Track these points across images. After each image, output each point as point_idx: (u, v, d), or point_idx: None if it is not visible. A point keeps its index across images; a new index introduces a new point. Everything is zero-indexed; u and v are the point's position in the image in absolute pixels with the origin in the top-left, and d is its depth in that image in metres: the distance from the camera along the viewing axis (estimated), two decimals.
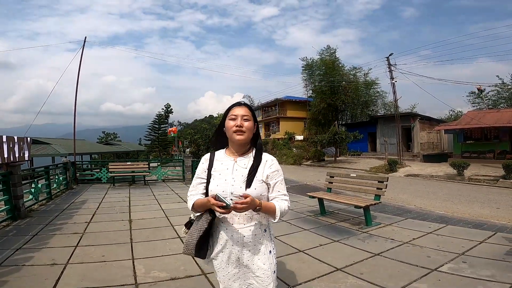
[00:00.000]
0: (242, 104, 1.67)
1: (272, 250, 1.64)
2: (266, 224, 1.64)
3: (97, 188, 9.89)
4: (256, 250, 1.58)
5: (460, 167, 13.75)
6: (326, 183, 6.38)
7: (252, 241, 1.57)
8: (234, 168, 1.61)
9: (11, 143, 5.64)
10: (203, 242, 1.59)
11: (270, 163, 1.63)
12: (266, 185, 1.60)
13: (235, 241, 1.57)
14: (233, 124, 1.59)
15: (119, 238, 4.41)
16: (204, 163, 1.71)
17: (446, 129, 21.65)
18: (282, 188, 1.63)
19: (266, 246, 1.61)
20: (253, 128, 1.64)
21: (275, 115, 39.56)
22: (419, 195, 9.41)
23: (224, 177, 1.60)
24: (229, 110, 1.66)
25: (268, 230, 1.65)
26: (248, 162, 1.62)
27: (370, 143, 28.57)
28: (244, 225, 1.57)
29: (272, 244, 1.66)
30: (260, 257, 1.58)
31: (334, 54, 32.93)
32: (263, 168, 1.61)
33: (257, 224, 1.59)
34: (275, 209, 1.54)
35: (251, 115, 1.64)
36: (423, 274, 3.09)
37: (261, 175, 1.59)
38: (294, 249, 3.93)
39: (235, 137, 1.59)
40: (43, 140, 21.69)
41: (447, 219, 5.84)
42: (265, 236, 1.62)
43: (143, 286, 2.88)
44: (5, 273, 3.09)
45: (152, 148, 41.64)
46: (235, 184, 1.56)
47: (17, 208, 5.56)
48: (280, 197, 1.60)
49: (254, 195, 1.50)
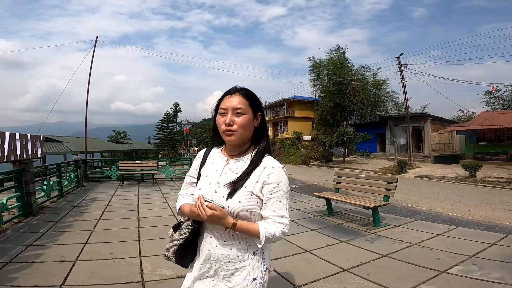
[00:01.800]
0: (235, 91, 1.30)
1: (260, 278, 1.28)
2: (254, 246, 1.27)
3: (107, 186, 10.05)
4: (236, 272, 1.27)
5: (472, 168, 13.46)
6: (334, 184, 6.33)
7: (233, 261, 1.27)
8: (224, 171, 1.32)
9: (24, 140, 5.77)
10: (185, 251, 1.35)
11: (268, 172, 1.26)
12: (259, 199, 1.26)
13: (212, 256, 1.29)
14: (223, 120, 1.27)
15: (128, 235, 4.47)
16: (197, 160, 1.47)
17: (458, 130, 21.22)
18: (279, 207, 1.24)
19: (251, 271, 1.26)
20: (250, 123, 1.29)
21: (283, 115, 39.46)
22: (429, 197, 9.25)
23: (209, 180, 1.33)
24: (219, 102, 1.32)
25: (258, 254, 1.29)
26: (242, 166, 1.30)
27: (379, 143, 28.24)
28: (224, 242, 1.27)
29: (263, 271, 1.30)
30: (238, 281, 1.26)
31: (343, 54, 32.71)
32: (258, 177, 1.26)
33: (241, 244, 1.27)
34: (258, 232, 1.20)
35: (248, 105, 1.28)
36: (432, 276, 3.04)
37: (252, 186, 1.24)
38: (300, 249, 3.91)
39: (225, 137, 1.30)
40: (55, 138, 22.13)
41: (458, 221, 5.72)
42: (253, 259, 1.28)
43: (149, 283, 2.91)
44: (15, 270, 3.15)
45: (160, 146, 42.12)
46: (218, 192, 1.27)
47: (29, 205, 5.68)
48: (274, 219, 1.23)
49: (236, 210, 1.22)
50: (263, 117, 1.37)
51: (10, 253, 3.62)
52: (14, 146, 5.39)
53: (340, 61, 31.94)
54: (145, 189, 9.29)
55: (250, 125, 1.29)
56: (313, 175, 15.93)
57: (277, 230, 1.23)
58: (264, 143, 1.36)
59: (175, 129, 42.62)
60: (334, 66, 31.88)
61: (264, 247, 1.32)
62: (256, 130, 1.35)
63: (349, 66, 32.76)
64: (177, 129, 41.62)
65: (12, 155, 5.33)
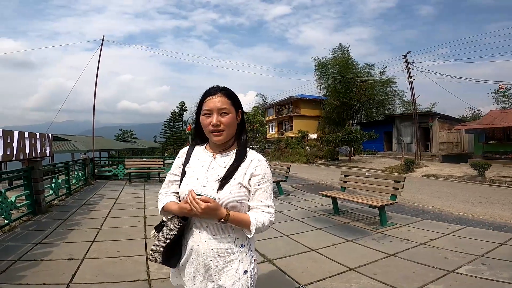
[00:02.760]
0: (217, 91, 1.33)
1: (250, 271, 1.33)
2: (243, 238, 1.33)
3: (114, 184, 10.14)
4: (226, 267, 1.30)
5: (481, 167, 13.27)
6: (340, 182, 6.30)
7: (223, 256, 1.29)
8: (211, 166, 1.35)
9: (32, 139, 5.85)
10: (172, 250, 1.35)
11: (255, 164, 1.33)
12: (247, 190, 1.31)
13: (201, 252, 1.30)
14: (209, 121, 1.30)
15: (134, 233, 4.50)
16: (180, 158, 1.47)
17: (467, 128, 20.95)
18: (265, 197, 1.31)
19: (240, 264, 1.31)
20: (235, 121, 1.34)
21: (289, 113, 39.37)
22: (437, 196, 9.15)
23: (196, 175, 1.35)
24: (202, 102, 1.35)
25: (246, 246, 1.35)
26: (229, 160, 1.35)
27: (386, 142, 28.00)
28: (213, 236, 1.30)
29: (252, 263, 1.35)
30: (230, 275, 1.29)
31: (347, 52, 32.48)
32: (246, 170, 1.32)
33: (230, 237, 1.31)
34: (249, 222, 1.25)
35: (231, 105, 1.32)
36: (440, 275, 3.00)
37: (241, 178, 1.30)
38: (306, 248, 3.90)
39: (212, 138, 1.33)
40: (63, 137, 22.43)
41: (467, 221, 5.65)
42: (242, 252, 1.32)
43: (155, 281, 2.93)
44: (24, 268, 3.18)
45: (166, 145, 42.36)
46: (207, 186, 1.30)
47: (38, 203, 5.75)
48: (262, 209, 1.30)
49: (227, 201, 1.26)
50: (243, 114, 1.42)
51: (19, 251, 3.66)
52: (23, 144, 5.46)
53: (345, 59, 31.74)
54: (151, 188, 9.35)
55: (234, 123, 1.35)
56: (319, 174, 15.86)
57: (266, 219, 1.29)
58: (244, 137, 1.42)
59: (181, 127, 42.84)
60: (339, 64, 31.68)
61: (250, 240, 1.37)
62: (238, 126, 1.40)
63: (354, 64, 32.53)
64: (183, 127, 41.88)
65: (21, 154, 5.40)
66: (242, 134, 1.42)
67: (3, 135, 4.88)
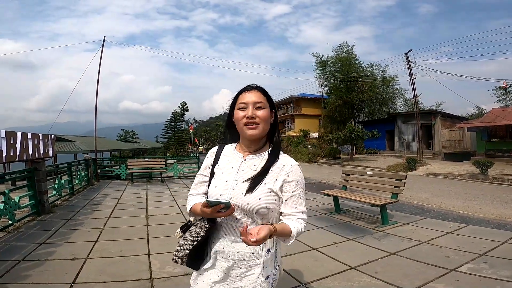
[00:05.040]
0: (254, 87, 1.33)
1: (272, 276, 1.29)
2: (269, 243, 1.28)
3: (116, 184, 10.21)
4: (249, 270, 1.26)
5: (484, 166, 13.20)
6: (341, 181, 6.30)
7: (247, 259, 1.25)
8: (241, 168, 1.30)
9: (35, 140, 5.89)
10: (197, 252, 1.32)
11: (288, 169, 1.27)
12: (277, 196, 1.26)
13: (226, 254, 1.27)
14: (243, 115, 1.27)
15: (136, 233, 4.53)
16: (209, 158, 1.43)
17: (469, 126, 20.82)
18: (300, 203, 1.27)
19: (264, 269, 1.26)
20: (269, 117, 1.30)
21: (290, 112, 39.36)
22: (439, 194, 9.12)
23: (226, 177, 1.30)
24: (237, 97, 1.33)
25: (273, 251, 1.30)
26: (260, 162, 1.30)
27: (387, 141, 27.90)
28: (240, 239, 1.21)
29: (276, 269, 1.31)
30: (251, 279, 1.24)
31: (351, 51, 32.37)
32: (277, 175, 1.26)
33: None
34: (290, 232, 1.19)
35: (267, 101, 1.30)
36: (441, 274, 3.01)
37: (272, 183, 1.25)
38: (307, 247, 3.91)
39: (246, 131, 1.27)
40: (66, 138, 22.52)
41: (469, 219, 5.64)
42: (267, 257, 1.27)
43: (158, 281, 2.95)
44: (28, 268, 3.22)
45: (168, 145, 42.45)
46: (236, 188, 1.25)
47: (41, 203, 5.81)
48: (297, 215, 1.25)
49: (256, 206, 1.21)
50: (276, 114, 1.39)
51: (23, 251, 3.70)
52: (26, 145, 5.51)
53: (348, 58, 31.63)
54: (153, 188, 9.39)
55: (269, 120, 1.31)
56: (320, 172, 15.86)
57: (302, 226, 1.25)
58: (278, 138, 1.38)
59: (183, 127, 42.94)
60: (342, 63, 31.59)
61: (277, 245, 1.34)
62: (272, 127, 1.36)
63: (357, 63, 32.43)
64: (185, 127, 41.98)
65: (24, 155, 5.44)
66: (275, 135, 1.38)
67: (6, 136, 4.92)
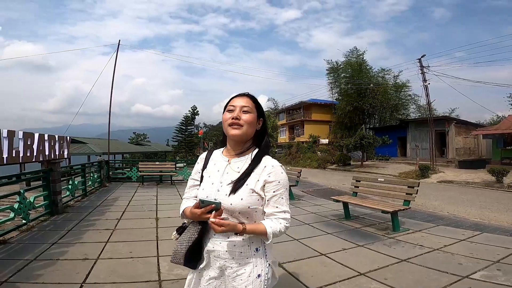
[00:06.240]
0: (245, 94, 1.43)
1: (264, 275, 1.33)
2: (257, 242, 1.35)
3: (127, 187, 10.34)
4: (240, 270, 1.31)
5: (499, 173, 12.89)
6: (352, 187, 6.23)
7: (237, 258, 1.32)
8: (225, 171, 1.38)
9: (52, 141, 6.05)
10: (193, 252, 1.39)
11: (269, 170, 1.32)
12: (259, 196, 1.32)
13: (217, 253, 1.34)
14: (230, 116, 1.36)
15: (146, 235, 4.58)
16: (199, 163, 1.52)
17: (485, 133, 20.34)
18: (282, 203, 1.32)
19: (254, 268, 1.32)
20: (254, 122, 1.38)
21: (300, 118, 39.23)
22: (453, 202, 8.91)
23: (212, 180, 1.39)
24: (228, 102, 1.42)
25: (261, 250, 1.36)
26: (243, 165, 1.37)
27: (399, 147, 27.47)
28: (228, 238, 1.32)
29: (266, 267, 1.36)
30: (243, 278, 1.30)
31: (361, 56, 32.18)
32: (259, 176, 1.32)
33: (244, 241, 1.32)
34: (265, 231, 1.26)
35: (254, 107, 1.39)
36: (453, 281, 2.95)
37: (254, 184, 1.31)
38: (316, 252, 3.88)
39: (229, 131, 1.36)
40: (79, 139, 23.00)
41: (483, 227, 5.49)
42: (256, 256, 1.34)
43: (166, 283, 2.97)
44: (40, 267, 3.27)
45: (179, 149, 42.82)
46: (221, 190, 1.33)
47: (55, 203, 5.93)
48: (278, 215, 1.31)
49: (239, 206, 1.28)
50: (265, 122, 1.47)
51: (36, 250, 3.78)
52: (42, 146, 5.66)
53: (358, 63, 31.44)
54: (163, 190, 9.49)
55: (254, 124, 1.39)
56: (330, 179, 15.71)
57: (281, 226, 1.31)
58: (265, 145, 1.45)
59: (193, 131, 43.29)
60: (352, 68, 31.42)
61: (266, 244, 1.38)
62: (258, 133, 1.44)
63: (368, 68, 32.18)
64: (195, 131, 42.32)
65: (41, 155, 5.60)
66: (262, 142, 1.45)
67: (23, 137, 5.08)
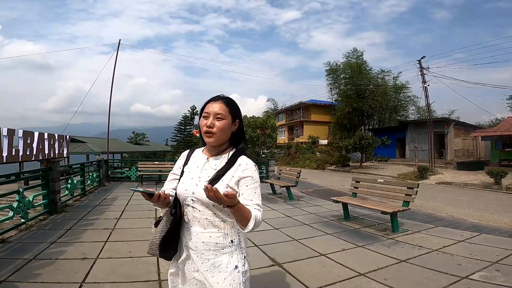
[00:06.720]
0: (218, 98, 1.47)
1: (241, 267, 1.39)
2: (232, 234, 1.40)
3: (126, 186, 10.32)
4: (216, 262, 1.37)
5: (498, 175, 12.94)
6: (351, 188, 6.24)
7: (213, 249, 1.37)
8: (204, 168, 1.47)
9: (51, 140, 6.04)
10: (168, 243, 1.44)
11: (243, 167, 1.40)
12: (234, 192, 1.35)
13: (193, 245, 1.39)
14: (204, 123, 1.43)
15: (146, 234, 4.56)
16: (181, 159, 1.61)
17: (483, 135, 20.39)
18: (255, 197, 1.37)
19: (230, 260, 1.38)
20: (228, 128, 1.44)
21: (299, 118, 39.25)
22: (452, 203, 8.94)
23: (191, 175, 1.46)
24: (204, 106, 1.48)
25: (236, 241, 1.42)
26: (220, 163, 1.45)
27: (398, 149, 27.52)
28: (204, 230, 1.38)
29: (242, 259, 1.41)
30: (221, 270, 1.36)
31: (361, 57, 32.24)
32: (234, 172, 1.40)
33: (219, 232, 1.38)
34: (250, 215, 1.27)
35: (228, 112, 1.44)
36: (452, 281, 2.96)
37: (229, 179, 1.38)
38: (315, 253, 3.88)
39: (205, 138, 1.44)
40: (79, 139, 22.94)
41: (482, 228, 5.51)
42: (232, 247, 1.39)
43: (166, 282, 2.96)
44: (39, 266, 3.26)
45: (178, 148, 42.76)
46: (199, 184, 1.40)
47: (54, 202, 5.92)
48: (253, 206, 1.33)
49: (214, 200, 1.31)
50: (241, 123, 1.53)
51: (35, 249, 3.76)
52: (42, 145, 5.65)
53: (357, 64, 31.50)
54: None
55: (228, 129, 1.45)
56: (329, 179, 15.72)
57: (260, 215, 1.32)
58: (241, 146, 1.52)
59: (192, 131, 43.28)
60: (352, 69, 31.47)
61: (240, 236, 1.45)
62: (234, 134, 1.50)
63: (367, 69, 32.23)
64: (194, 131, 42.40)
65: (40, 154, 5.59)
66: (239, 143, 1.52)
67: (23, 135, 5.07)
